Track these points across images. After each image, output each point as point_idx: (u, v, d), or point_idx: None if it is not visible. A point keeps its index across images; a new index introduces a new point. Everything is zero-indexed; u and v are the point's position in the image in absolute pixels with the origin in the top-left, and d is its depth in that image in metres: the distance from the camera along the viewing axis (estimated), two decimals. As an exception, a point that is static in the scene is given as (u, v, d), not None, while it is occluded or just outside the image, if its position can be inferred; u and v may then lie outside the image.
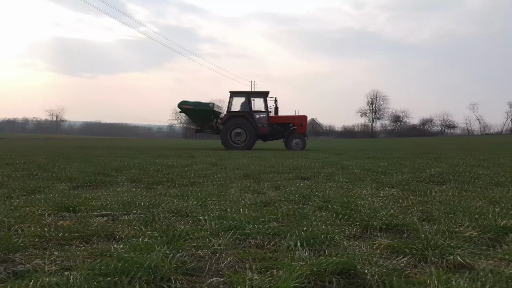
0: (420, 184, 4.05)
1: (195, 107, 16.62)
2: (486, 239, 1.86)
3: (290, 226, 1.98)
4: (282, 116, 17.14)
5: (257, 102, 16.91)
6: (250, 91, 17.46)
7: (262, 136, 16.86)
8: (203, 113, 16.68)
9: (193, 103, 16.87)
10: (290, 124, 16.87)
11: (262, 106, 16.93)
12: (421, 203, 2.80)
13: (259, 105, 17.09)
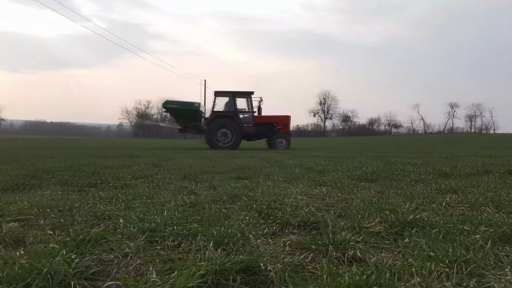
0: (352, 182, 4.23)
1: (181, 107, 16.44)
2: (392, 233, 1.99)
3: (209, 227, 2.00)
4: (266, 116, 17.23)
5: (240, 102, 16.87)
6: (234, 90, 16.97)
7: (246, 136, 16.88)
8: (188, 113, 16.45)
9: (179, 103, 16.76)
10: (274, 124, 16.91)
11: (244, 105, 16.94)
12: (344, 200, 2.93)
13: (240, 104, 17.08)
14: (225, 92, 16.90)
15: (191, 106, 16.61)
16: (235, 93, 16.88)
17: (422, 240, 1.76)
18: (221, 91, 16.83)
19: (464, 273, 1.41)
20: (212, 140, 16.12)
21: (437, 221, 2.16)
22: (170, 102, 17.02)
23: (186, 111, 16.53)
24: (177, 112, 16.83)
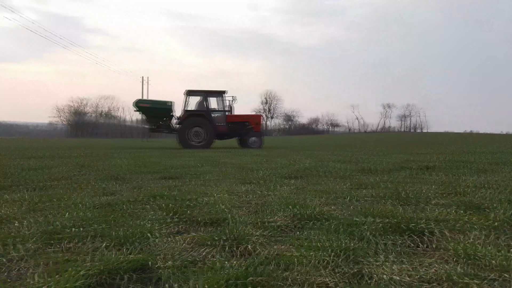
0: (279, 179, 4.36)
1: (153, 106, 16.31)
2: (292, 227, 2.10)
3: (115, 227, 1.98)
4: (238, 115, 17.26)
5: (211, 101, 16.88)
6: (207, 90, 16.88)
7: (219, 135, 16.80)
8: (161, 112, 16.35)
9: (150, 102, 16.71)
10: (245, 123, 17.08)
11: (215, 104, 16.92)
12: (263, 197, 3.03)
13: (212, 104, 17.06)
14: (198, 91, 16.91)
15: (164, 105, 16.48)
16: (208, 92, 16.93)
17: (317, 232, 1.88)
18: (194, 90, 16.80)
19: (341, 260, 1.53)
20: (185, 139, 16.07)
21: (337, 214, 2.31)
22: (142, 101, 16.80)
23: (159, 110, 16.42)
24: (149, 111, 16.60)
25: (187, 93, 16.74)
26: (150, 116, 17.05)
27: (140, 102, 16.57)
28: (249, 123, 17.24)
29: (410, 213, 2.42)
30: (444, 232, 2.03)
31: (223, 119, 16.86)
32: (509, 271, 1.47)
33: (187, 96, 16.71)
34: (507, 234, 2.03)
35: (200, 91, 16.95)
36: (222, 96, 17.00)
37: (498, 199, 2.70)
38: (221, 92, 16.98)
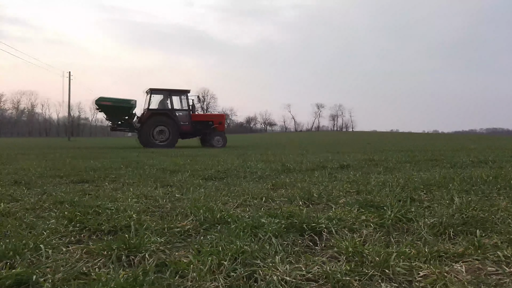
0: (199, 181, 4.35)
1: (115, 104, 15.84)
2: (199, 231, 2.10)
3: (3, 239, 1.84)
4: (202, 115, 17.89)
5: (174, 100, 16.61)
6: (171, 89, 16.56)
7: (183, 134, 16.69)
8: (123, 110, 15.95)
9: (113, 100, 16.08)
10: (209, 122, 17.09)
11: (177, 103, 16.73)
12: (177, 201, 3.00)
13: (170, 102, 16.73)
14: (161, 90, 16.62)
15: (127, 103, 16.08)
16: (171, 91, 16.71)
17: (219, 236, 1.91)
18: (157, 89, 16.51)
19: (237, 264, 1.57)
20: (148, 138, 15.80)
21: (246, 216, 2.36)
22: (103, 99, 16.03)
23: (121, 108, 16.00)
24: (110, 109, 16.11)
25: (149, 92, 16.36)
26: (111, 114, 16.46)
27: (101, 100, 15.96)
28: (213, 122, 17.23)
29: (315, 212, 2.54)
30: (343, 231, 2.16)
31: (187, 118, 16.72)
32: (389, 266, 1.61)
33: (149, 94, 16.34)
34: (398, 231, 2.22)
35: (163, 90, 16.70)
36: (186, 95, 16.90)
37: (394, 198, 2.93)
38: (185, 91, 16.86)
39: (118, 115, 16.45)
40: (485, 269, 1.65)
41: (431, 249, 1.86)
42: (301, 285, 1.46)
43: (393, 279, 1.53)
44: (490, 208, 2.63)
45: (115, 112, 16.36)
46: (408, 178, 4.38)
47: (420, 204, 2.90)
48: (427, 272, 1.57)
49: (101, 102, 16.01)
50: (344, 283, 1.46)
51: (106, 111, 16.46)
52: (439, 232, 2.17)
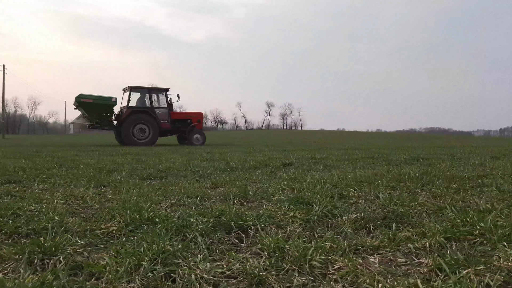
0: (138, 180, 4.24)
1: (96, 101, 15.82)
2: (126, 231, 2.06)
3: None
4: (181, 113, 18.24)
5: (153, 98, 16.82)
6: (150, 86, 17.12)
7: (162, 132, 16.85)
8: (104, 108, 15.94)
9: (93, 97, 16.05)
10: (188, 120, 17.44)
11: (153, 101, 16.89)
12: (108, 201, 2.92)
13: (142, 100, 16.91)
14: (140, 87, 16.83)
15: (108, 101, 16.07)
16: (151, 89, 16.98)
17: (141, 237, 1.88)
18: (136, 87, 16.69)
19: (157, 264, 1.56)
20: (129, 136, 15.86)
21: (177, 215, 2.35)
22: (84, 96, 15.89)
23: (102, 106, 15.96)
24: (91, 107, 16.00)
25: (129, 89, 16.33)
26: (91, 112, 16.25)
27: (81, 97, 15.76)
28: (191, 120, 17.54)
29: (249, 210, 2.59)
30: (270, 227, 2.22)
31: (167, 116, 16.89)
32: (307, 260, 1.68)
33: (129, 92, 16.32)
34: (322, 226, 2.31)
35: (142, 88, 16.83)
36: (166, 93, 17.05)
37: (325, 194, 3.05)
38: (164, 90, 17.04)
39: (99, 112, 16.22)
40: (396, 260, 1.77)
41: (349, 242, 1.96)
42: (220, 282, 1.48)
43: (309, 273, 1.59)
44: (409, 203, 2.82)
45: (96, 110, 16.12)
46: (342, 175, 4.57)
47: (348, 200, 3.05)
48: (341, 265, 1.66)
49: (82, 99, 15.75)
50: (261, 278, 1.50)
51: (86, 109, 16.12)
52: (360, 227, 2.29)
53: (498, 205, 2.82)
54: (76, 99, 15.77)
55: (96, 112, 16.28)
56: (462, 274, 1.53)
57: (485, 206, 2.74)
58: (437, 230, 2.09)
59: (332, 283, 1.50)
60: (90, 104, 15.97)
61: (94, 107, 16.07)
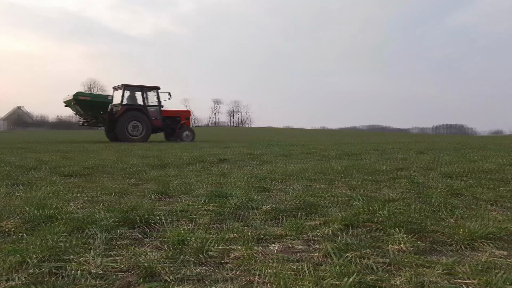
0: (56, 178, 4.04)
1: (93, 99, 16.42)
2: (23, 229, 1.96)
3: None
4: (170, 110, 18.48)
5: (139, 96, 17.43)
6: (143, 85, 17.36)
7: (154, 129, 17.46)
8: (100, 106, 16.40)
9: (91, 95, 16.99)
10: (177, 118, 18.19)
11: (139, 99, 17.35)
12: (15, 199, 2.75)
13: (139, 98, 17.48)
14: (134, 86, 17.41)
15: (104, 99, 16.58)
16: (143, 87, 17.54)
17: (35, 233, 1.80)
18: (130, 85, 17.20)
19: (45, 260, 1.50)
20: (123, 133, 16.41)
21: (78, 212, 2.27)
22: (81, 94, 16.42)
23: (99, 104, 16.37)
24: (87, 105, 16.29)
25: (123, 87, 16.92)
26: (87, 109, 16.51)
27: (79, 95, 16.16)
28: (180, 118, 18.34)
29: (167, 205, 2.56)
30: (181, 221, 2.21)
31: (159, 114, 17.64)
32: (204, 251, 1.69)
33: (123, 90, 16.89)
34: (234, 218, 2.34)
35: (136, 86, 17.41)
36: (157, 92, 17.75)
37: (248, 188, 3.09)
38: (156, 88, 17.84)
39: (94, 110, 16.54)
40: (295, 247, 1.84)
41: (254, 232, 2.01)
42: (110, 275, 1.45)
43: (205, 263, 1.61)
44: (322, 194, 2.94)
45: (92, 108, 16.44)
46: (273, 170, 4.67)
47: (268, 193, 3.12)
48: (239, 254, 1.69)
49: (79, 97, 16.06)
50: (152, 270, 1.49)
51: (83, 106, 16.38)
52: (271, 217, 2.35)
53: (404, 195, 3.03)
54: (74, 96, 15.99)
55: (92, 110, 16.57)
56: (348, 257, 1.62)
57: (391, 196, 2.93)
58: (339, 218, 2.20)
59: (225, 271, 1.53)
60: (88, 101, 16.27)
61: (91, 105, 16.37)
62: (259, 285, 1.40)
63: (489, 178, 3.99)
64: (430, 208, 2.55)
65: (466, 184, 3.57)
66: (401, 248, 1.78)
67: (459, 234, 1.97)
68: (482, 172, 4.46)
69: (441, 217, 2.34)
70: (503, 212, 2.49)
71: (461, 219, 2.28)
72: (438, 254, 1.77)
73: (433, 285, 1.39)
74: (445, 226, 2.11)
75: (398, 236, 1.93)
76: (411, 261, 1.62)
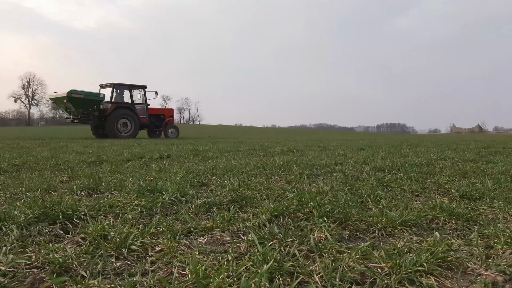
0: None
1: (86, 97, 16.66)
2: None
3: None
4: (156, 108, 19.23)
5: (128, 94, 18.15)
6: (131, 84, 18.17)
7: (140, 126, 18.10)
8: (93, 103, 16.84)
9: (84, 93, 16.83)
10: (161, 116, 19.04)
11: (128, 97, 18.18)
12: None
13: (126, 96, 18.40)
14: (123, 84, 17.98)
15: (97, 97, 17.01)
16: (131, 86, 18.14)
17: None
18: (119, 84, 17.79)
19: None
20: (113, 130, 17.00)
21: (0, 209, 2.12)
22: (75, 91, 16.64)
23: (91, 102, 16.85)
24: (81, 102, 16.73)
25: (112, 86, 17.50)
26: (79, 106, 16.89)
27: (72, 92, 16.48)
28: (165, 116, 19.14)
29: (95, 201, 2.46)
30: (106, 216, 2.13)
31: (145, 112, 18.38)
32: (126, 245, 1.64)
33: (113, 88, 17.49)
34: (165, 212, 2.30)
35: (124, 84, 18.01)
36: (144, 90, 18.44)
37: (178, 183, 3.04)
38: (143, 87, 18.49)
39: (87, 108, 17.00)
40: (223, 239, 1.84)
41: (184, 226, 1.99)
42: (20, 272, 1.37)
43: (127, 257, 1.56)
44: (259, 188, 2.98)
45: (85, 105, 16.88)
46: (215, 166, 4.64)
47: (204, 188, 3.10)
48: (162, 247, 1.66)
49: (73, 95, 16.38)
50: (68, 266, 1.43)
51: (76, 104, 16.74)
52: (204, 210, 2.34)
53: (337, 187, 3.14)
54: (67, 94, 16.32)
55: (85, 107, 16.99)
56: (270, 246, 1.65)
57: (324, 188, 3.02)
58: (270, 209, 2.23)
59: (147, 264, 1.50)
60: (80, 99, 16.63)
61: (83, 102, 16.80)
62: (178, 276, 1.38)
63: (418, 172, 4.24)
64: (358, 199, 2.66)
65: (396, 177, 3.77)
66: (325, 236, 1.84)
67: (382, 222, 2.07)
68: (412, 166, 4.73)
69: (367, 207, 2.45)
70: (425, 202, 2.66)
71: (386, 208, 2.40)
72: (359, 241, 1.85)
73: (348, 269, 1.44)
74: (370, 215, 2.21)
75: (324, 225, 1.99)
76: (332, 248, 1.68)
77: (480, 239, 1.84)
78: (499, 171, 4.24)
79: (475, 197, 2.80)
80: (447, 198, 2.76)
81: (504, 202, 2.58)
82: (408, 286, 1.34)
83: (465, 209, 2.40)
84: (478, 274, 1.45)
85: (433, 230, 2.00)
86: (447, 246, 1.67)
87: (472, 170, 4.35)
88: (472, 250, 1.67)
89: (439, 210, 2.32)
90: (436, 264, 1.50)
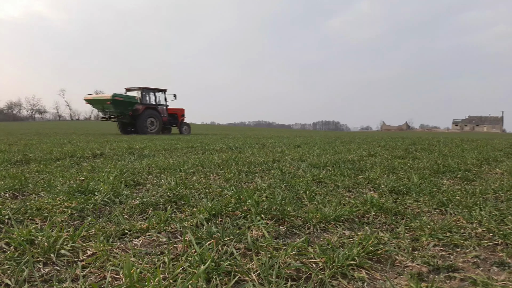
0: None
1: (125, 100, 19.16)
2: None
3: None
4: (171, 109, 22.28)
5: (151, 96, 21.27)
6: (155, 88, 21.20)
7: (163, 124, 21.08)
8: (130, 105, 19.34)
9: (124, 96, 19.35)
10: (175, 115, 22.40)
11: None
12: None
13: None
14: (149, 88, 20.89)
15: (133, 99, 19.58)
16: (156, 90, 21.22)
17: None
18: (146, 87, 20.71)
19: None
20: (144, 127, 19.72)
21: None
22: (118, 95, 18.82)
23: (129, 103, 19.31)
24: (121, 104, 19.03)
25: (141, 90, 20.40)
26: (118, 108, 19.13)
27: (116, 96, 18.68)
28: (177, 115, 22.46)
29: (12, 204, 2.28)
30: (33, 220, 1.99)
31: (166, 112, 21.58)
32: (55, 250, 1.55)
33: (142, 92, 20.35)
34: (98, 214, 2.20)
35: (150, 88, 20.98)
36: (164, 93, 21.61)
37: (110, 183, 2.93)
38: (163, 90, 21.63)
39: (124, 109, 19.32)
40: (159, 240, 1.80)
41: (118, 227, 1.91)
42: None
43: (56, 262, 1.48)
44: (196, 186, 2.95)
45: (124, 107, 19.23)
46: (151, 164, 4.52)
47: (140, 187, 3.01)
48: (95, 251, 1.59)
49: (116, 98, 18.68)
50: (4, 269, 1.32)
51: (117, 105, 18.99)
52: (139, 211, 2.27)
53: (274, 184, 3.21)
54: (112, 96, 18.56)
55: (123, 108, 19.30)
56: (208, 245, 1.65)
57: (262, 186, 3.07)
58: (208, 208, 2.23)
59: (78, 269, 1.42)
60: (121, 101, 19.02)
61: (123, 104, 19.15)
62: (112, 280, 1.34)
63: (350, 168, 4.46)
64: (295, 195, 2.74)
65: (330, 173, 3.93)
66: (262, 234, 1.87)
67: (316, 218, 2.15)
68: (345, 163, 4.96)
69: (303, 203, 2.54)
70: (357, 197, 2.80)
71: (320, 204, 2.50)
72: (295, 237, 1.91)
73: (284, 265, 1.49)
74: (305, 212, 2.28)
75: (262, 222, 2.03)
76: (269, 245, 1.72)
77: (407, 232, 1.98)
78: (424, 166, 4.59)
79: (402, 191, 3.01)
80: (377, 193, 2.94)
81: (428, 196, 2.81)
82: (341, 280, 1.41)
83: (394, 203, 2.57)
84: (405, 266, 1.56)
85: (364, 225, 2.12)
86: (377, 239, 1.79)
87: (399, 166, 4.66)
88: (400, 243, 1.80)
89: (370, 205, 2.46)
90: (367, 258, 1.60)
